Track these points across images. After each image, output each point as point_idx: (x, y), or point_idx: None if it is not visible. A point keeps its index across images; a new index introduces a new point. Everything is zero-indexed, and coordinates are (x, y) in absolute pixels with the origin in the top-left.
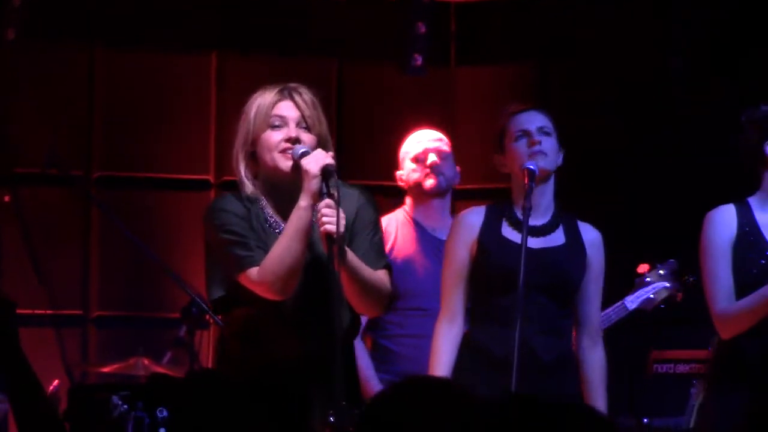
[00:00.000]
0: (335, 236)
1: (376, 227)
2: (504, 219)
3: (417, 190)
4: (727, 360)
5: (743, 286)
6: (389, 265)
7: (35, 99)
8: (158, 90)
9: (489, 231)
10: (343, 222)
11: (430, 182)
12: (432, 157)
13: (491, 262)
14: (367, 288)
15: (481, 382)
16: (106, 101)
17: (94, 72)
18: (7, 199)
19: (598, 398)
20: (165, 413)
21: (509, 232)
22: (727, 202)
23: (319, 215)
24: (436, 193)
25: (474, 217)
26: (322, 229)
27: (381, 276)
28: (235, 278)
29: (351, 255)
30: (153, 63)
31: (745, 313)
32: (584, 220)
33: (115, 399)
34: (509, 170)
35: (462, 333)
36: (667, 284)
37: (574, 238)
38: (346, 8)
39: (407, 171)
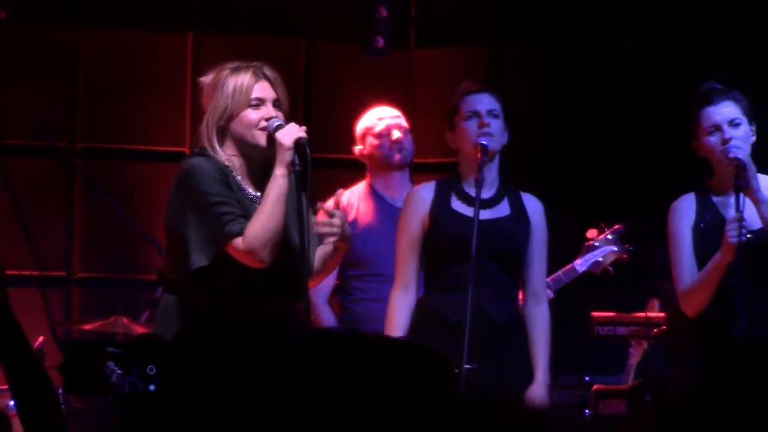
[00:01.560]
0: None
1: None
2: (453, 193)
3: (381, 163)
4: (691, 328)
5: (705, 264)
6: None
7: (23, 76)
8: (138, 67)
9: (440, 204)
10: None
11: (396, 156)
12: (396, 133)
13: (443, 233)
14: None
15: (436, 344)
16: (89, 78)
17: (77, 50)
18: None
19: (542, 352)
20: (154, 370)
21: (458, 205)
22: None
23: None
24: (401, 165)
25: (425, 192)
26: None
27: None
28: (222, 247)
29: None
30: (133, 42)
31: (698, 286)
32: (534, 192)
33: (111, 365)
34: (458, 147)
35: (415, 300)
36: (614, 248)
37: (519, 209)
38: None
39: (369, 146)
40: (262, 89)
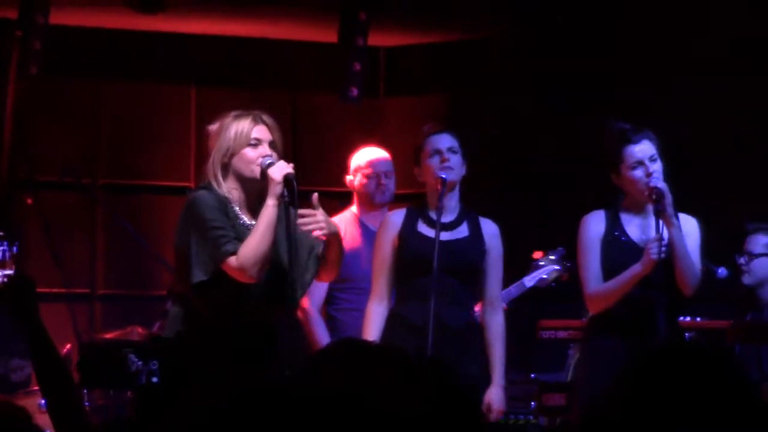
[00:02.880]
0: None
1: None
2: (419, 218)
3: (367, 199)
4: (598, 323)
5: (610, 272)
6: None
7: (52, 123)
8: (150, 115)
9: (408, 228)
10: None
11: (379, 198)
12: (384, 179)
13: (410, 252)
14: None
15: (404, 345)
16: (109, 125)
17: (98, 101)
18: (29, 201)
19: (498, 357)
20: (156, 365)
21: (423, 228)
22: (597, 207)
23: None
24: (383, 204)
25: (396, 217)
26: (318, 234)
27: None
28: (219, 265)
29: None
30: (146, 94)
31: (611, 291)
32: (487, 216)
33: (132, 357)
34: (423, 179)
35: (387, 309)
36: (557, 267)
37: (476, 231)
38: (298, 51)
39: (359, 183)
40: (260, 132)
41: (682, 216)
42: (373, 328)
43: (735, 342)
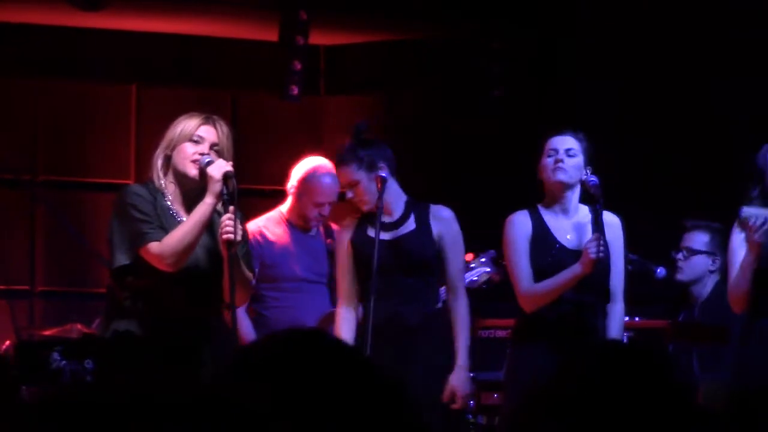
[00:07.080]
0: (233, 242)
1: (246, 240)
2: (368, 222)
3: (303, 219)
4: (530, 324)
5: (540, 271)
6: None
7: None
8: (90, 113)
9: (357, 232)
10: (239, 231)
11: (314, 224)
12: (326, 211)
13: (357, 256)
14: (245, 283)
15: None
16: (48, 123)
17: (38, 100)
18: None
19: (460, 341)
20: (91, 365)
21: (371, 231)
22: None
23: (222, 225)
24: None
25: (348, 222)
26: (224, 237)
27: (250, 276)
28: (138, 250)
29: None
30: (86, 92)
31: (548, 291)
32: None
33: (55, 355)
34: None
35: (355, 311)
36: (488, 269)
37: (423, 222)
38: (239, 49)
39: (302, 202)
40: (206, 131)
41: (606, 214)
42: (343, 332)
43: (671, 342)
